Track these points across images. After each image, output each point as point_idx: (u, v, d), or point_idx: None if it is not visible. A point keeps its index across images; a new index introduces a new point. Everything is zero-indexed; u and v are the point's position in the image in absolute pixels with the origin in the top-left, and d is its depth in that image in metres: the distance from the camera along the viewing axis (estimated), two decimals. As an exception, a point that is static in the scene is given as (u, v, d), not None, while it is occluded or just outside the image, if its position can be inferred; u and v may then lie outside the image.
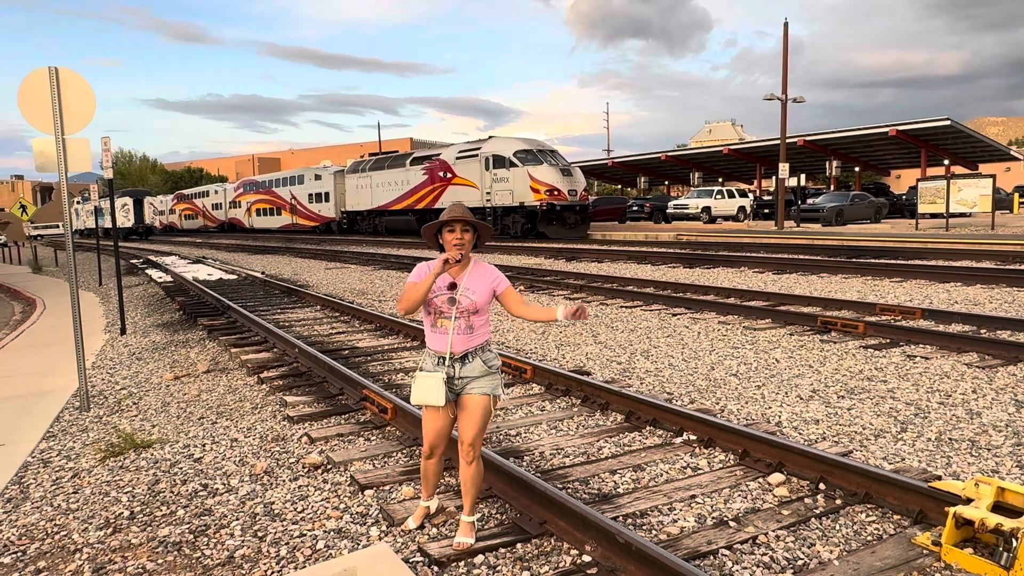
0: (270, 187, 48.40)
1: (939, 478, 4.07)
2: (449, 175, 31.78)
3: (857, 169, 44.99)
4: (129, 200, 51.50)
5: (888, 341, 7.81)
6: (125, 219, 50.86)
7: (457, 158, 31.42)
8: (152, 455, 5.06)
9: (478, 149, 30.40)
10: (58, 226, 73.82)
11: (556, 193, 27.53)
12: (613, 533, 3.13)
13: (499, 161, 28.96)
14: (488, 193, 29.57)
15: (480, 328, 3.38)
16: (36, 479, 4.74)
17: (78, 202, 55.83)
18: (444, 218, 3.29)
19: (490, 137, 31.30)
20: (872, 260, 15.95)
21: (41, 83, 6.39)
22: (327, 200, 41.73)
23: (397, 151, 42.17)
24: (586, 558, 3.23)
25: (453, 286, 3.32)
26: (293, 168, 58.84)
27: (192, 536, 3.71)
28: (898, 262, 15.24)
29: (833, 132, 38.63)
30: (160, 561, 3.46)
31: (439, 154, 33.12)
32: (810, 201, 33.69)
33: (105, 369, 8.43)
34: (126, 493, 4.36)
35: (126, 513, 4.06)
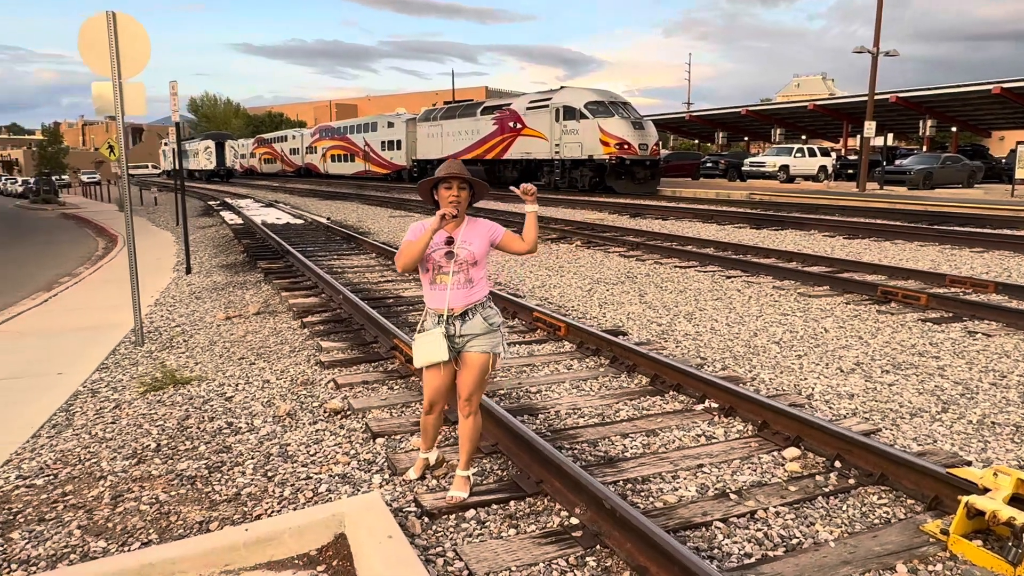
0: (344, 134, 49.10)
1: (969, 464, 3.85)
2: (519, 125, 31.43)
3: (954, 129, 42.12)
4: (212, 143, 53.24)
5: (951, 315, 7.38)
6: (208, 162, 52.71)
7: (527, 108, 31.00)
8: (189, 391, 5.29)
9: (548, 100, 29.90)
10: (147, 166, 77.23)
11: (626, 147, 26.90)
12: (600, 498, 3.10)
13: (569, 112, 28.44)
14: (557, 145, 29.17)
15: (479, 282, 3.36)
16: (82, 408, 5.04)
17: (165, 143, 58.11)
18: (440, 174, 3.25)
19: (562, 87, 30.69)
20: (955, 228, 15.03)
21: (99, 28, 6.57)
22: (399, 148, 42.07)
23: (471, 100, 41.93)
24: (574, 520, 3.22)
25: (450, 241, 3.30)
26: (369, 115, 59.41)
27: (207, 472, 3.88)
28: (983, 231, 14.32)
29: (929, 89, 36.15)
30: (173, 493, 3.64)
31: (510, 104, 32.75)
32: (898, 162, 31.87)
33: (166, 306, 8.83)
34: (157, 426, 4.59)
35: (153, 445, 4.27)
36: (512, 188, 3.52)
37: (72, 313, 8.74)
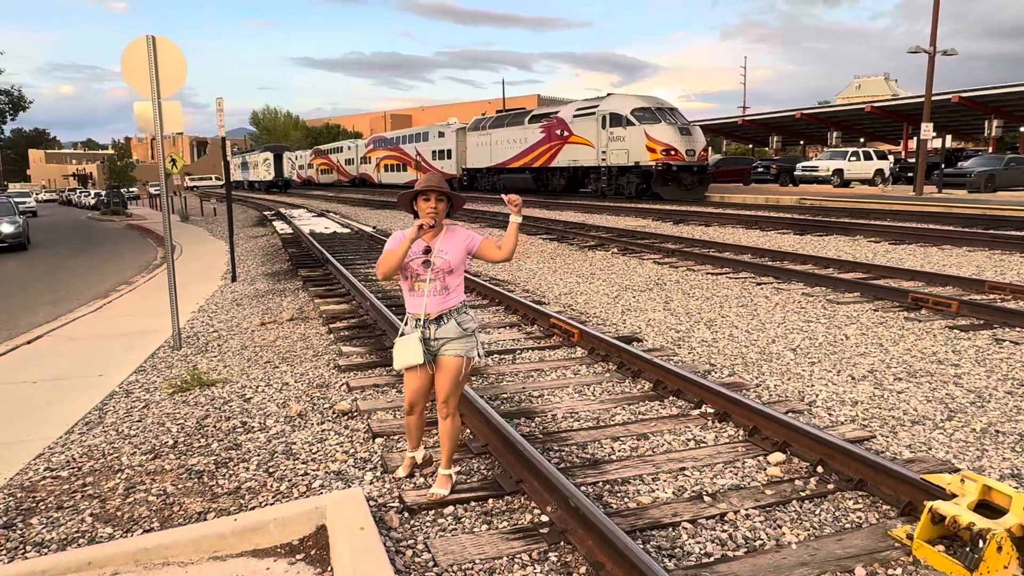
0: (397, 144, 50.05)
1: (958, 471, 3.81)
2: (566, 133, 31.57)
3: (1023, 130, 40.34)
4: (270, 155, 55.01)
5: (981, 322, 7.20)
6: (267, 173, 54.51)
7: (574, 116, 31.11)
8: (212, 392, 5.60)
9: (595, 107, 29.95)
10: (211, 178, 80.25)
11: (673, 153, 26.73)
12: (567, 497, 3.22)
13: (616, 119, 28.43)
14: (603, 152, 29.18)
15: (455, 289, 3.53)
16: (115, 407, 5.40)
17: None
18: (419, 187, 3.44)
19: (608, 94, 30.70)
20: (1012, 232, 14.49)
21: (140, 51, 7.00)
22: (449, 157, 42.67)
23: (522, 108, 42.22)
24: (544, 518, 3.34)
25: (428, 250, 3.48)
26: (422, 125, 60.36)
27: (215, 467, 4.14)
28: (1038, 235, 13.75)
29: (994, 87, 34.76)
30: (181, 486, 3.90)
31: (557, 112, 32.92)
32: (960, 165, 30.75)
33: (208, 313, 9.27)
34: (178, 424, 4.89)
35: (171, 442, 4.57)
36: (502, 196, 3.68)
37: (122, 319, 9.27)
